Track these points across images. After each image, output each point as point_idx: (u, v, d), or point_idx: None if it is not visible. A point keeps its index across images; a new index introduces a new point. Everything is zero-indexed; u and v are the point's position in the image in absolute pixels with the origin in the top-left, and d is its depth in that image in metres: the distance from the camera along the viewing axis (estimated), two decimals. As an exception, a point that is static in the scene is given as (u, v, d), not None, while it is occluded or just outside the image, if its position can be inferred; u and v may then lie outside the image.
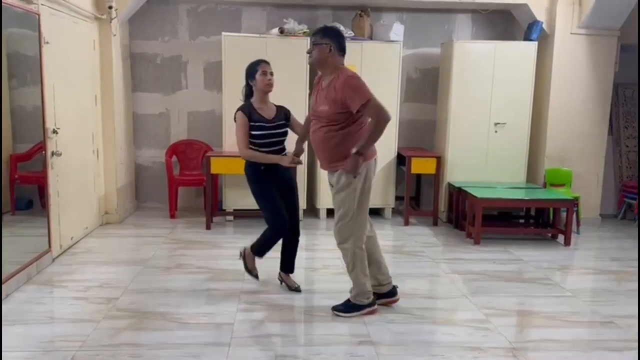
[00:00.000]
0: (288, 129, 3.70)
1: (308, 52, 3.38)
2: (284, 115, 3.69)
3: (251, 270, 3.82)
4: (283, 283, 3.89)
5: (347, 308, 3.41)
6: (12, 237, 4.59)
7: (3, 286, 3.52)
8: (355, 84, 3.16)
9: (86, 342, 2.96)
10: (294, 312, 3.47)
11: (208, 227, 5.45)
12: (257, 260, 3.82)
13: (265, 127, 3.55)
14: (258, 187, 3.63)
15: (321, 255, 4.78)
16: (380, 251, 3.57)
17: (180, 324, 3.23)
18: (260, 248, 3.72)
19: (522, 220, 6.05)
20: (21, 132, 4.68)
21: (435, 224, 5.84)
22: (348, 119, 3.20)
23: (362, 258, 3.36)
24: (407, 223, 5.84)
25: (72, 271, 4.13)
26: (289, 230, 3.68)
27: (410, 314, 3.47)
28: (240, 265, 3.86)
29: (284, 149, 3.67)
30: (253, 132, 3.54)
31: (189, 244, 4.96)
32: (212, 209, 5.57)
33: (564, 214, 5.37)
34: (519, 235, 5.56)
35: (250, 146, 3.57)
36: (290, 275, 3.88)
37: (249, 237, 5.12)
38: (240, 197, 5.69)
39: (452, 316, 3.50)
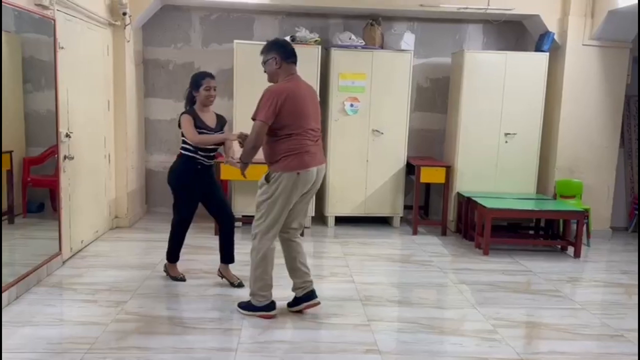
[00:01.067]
0: None
1: (265, 72, 3.44)
2: (222, 124, 3.99)
3: (176, 277, 4.06)
4: (224, 278, 4.04)
5: (245, 306, 3.50)
6: (24, 240, 4.64)
7: (14, 287, 3.55)
8: (265, 97, 3.26)
9: (94, 344, 2.98)
10: (300, 318, 3.46)
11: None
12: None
13: (206, 133, 3.80)
14: (188, 182, 3.86)
15: (328, 263, 4.78)
16: (304, 257, 3.55)
17: (188, 329, 3.25)
18: (172, 252, 4.06)
19: (531, 232, 6.02)
20: (34, 136, 4.73)
21: (444, 233, 5.82)
22: (272, 129, 3.26)
23: (264, 260, 3.37)
24: (415, 232, 5.83)
25: (82, 274, 4.16)
26: (225, 219, 4.02)
27: (418, 324, 3.46)
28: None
29: (215, 157, 4.01)
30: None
31: (198, 249, 4.98)
32: (221, 215, 5.58)
33: (574, 226, 5.34)
34: (528, 246, 5.52)
35: (187, 146, 3.83)
36: (230, 266, 4.05)
37: (257, 243, 5.16)
38: (249, 203, 5.71)
39: (460, 326, 3.48)
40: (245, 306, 3.50)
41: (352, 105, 5.77)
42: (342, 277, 4.32)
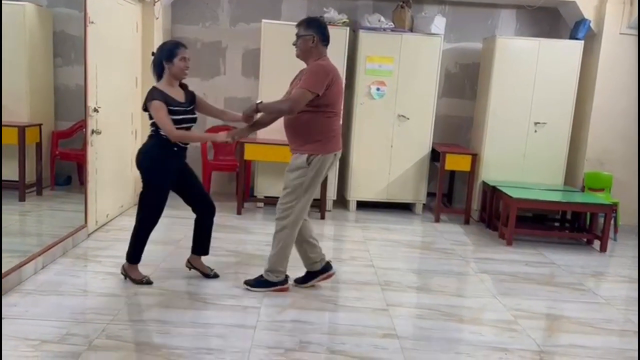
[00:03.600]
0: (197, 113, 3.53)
1: (294, 44, 3.38)
2: (192, 99, 3.49)
3: (141, 280, 3.51)
4: (193, 269, 3.71)
5: (257, 283, 3.52)
6: (51, 211, 4.75)
7: (40, 257, 3.63)
8: (314, 70, 3.23)
9: (117, 316, 3.04)
10: (320, 300, 3.47)
11: (239, 212, 5.50)
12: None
13: (181, 111, 3.35)
14: (162, 170, 3.38)
15: (348, 247, 4.78)
16: (313, 233, 3.61)
17: (208, 305, 3.29)
18: (135, 252, 3.51)
19: (557, 224, 5.91)
20: (63, 110, 4.82)
21: (466, 222, 5.76)
22: (318, 105, 3.24)
23: (289, 241, 3.45)
24: (437, 220, 5.78)
25: (106, 247, 4.23)
26: (207, 210, 3.61)
27: (437, 311, 3.44)
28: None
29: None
30: (172, 117, 3.28)
31: (220, 227, 5.00)
32: (244, 195, 5.62)
33: (601, 220, 5.22)
34: (553, 238, 5.43)
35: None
36: (202, 258, 3.72)
37: (279, 224, 5.18)
38: (271, 184, 5.73)
39: (479, 315, 3.45)
40: (259, 283, 3.52)
41: (378, 89, 5.71)
42: (362, 261, 4.31)
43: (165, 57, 3.33)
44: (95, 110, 4.37)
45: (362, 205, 6.01)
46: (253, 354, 2.72)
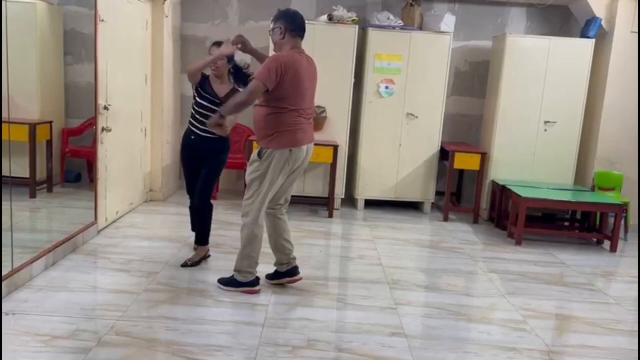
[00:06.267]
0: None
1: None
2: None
3: (204, 258, 4.00)
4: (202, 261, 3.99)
5: (227, 281, 3.50)
6: (61, 208, 4.79)
7: (51, 253, 3.66)
8: (268, 62, 3.19)
9: (126, 312, 3.06)
10: (327, 298, 3.48)
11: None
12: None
13: (210, 101, 3.82)
14: (181, 150, 4.02)
15: (357, 245, 4.77)
16: (287, 234, 3.56)
17: (216, 302, 3.30)
18: (207, 235, 4.01)
19: (566, 223, 5.87)
20: (74, 107, 4.85)
21: (475, 221, 5.74)
22: (270, 100, 3.21)
23: (252, 239, 3.38)
24: (446, 219, 5.76)
25: (116, 244, 4.26)
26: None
27: (445, 310, 3.43)
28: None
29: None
30: (199, 100, 3.84)
31: (228, 225, 5.03)
32: (252, 193, 5.62)
33: (611, 219, 5.18)
34: (563, 238, 5.39)
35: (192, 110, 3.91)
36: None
37: (287, 222, 5.19)
38: (280, 182, 5.73)
39: (488, 315, 3.44)
40: (228, 282, 3.49)
41: (387, 87, 5.69)
42: (370, 259, 4.31)
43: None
44: (105, 107, 4.40)
45: (370, 203, 6.01)
46: (261, 351, 2.73)
